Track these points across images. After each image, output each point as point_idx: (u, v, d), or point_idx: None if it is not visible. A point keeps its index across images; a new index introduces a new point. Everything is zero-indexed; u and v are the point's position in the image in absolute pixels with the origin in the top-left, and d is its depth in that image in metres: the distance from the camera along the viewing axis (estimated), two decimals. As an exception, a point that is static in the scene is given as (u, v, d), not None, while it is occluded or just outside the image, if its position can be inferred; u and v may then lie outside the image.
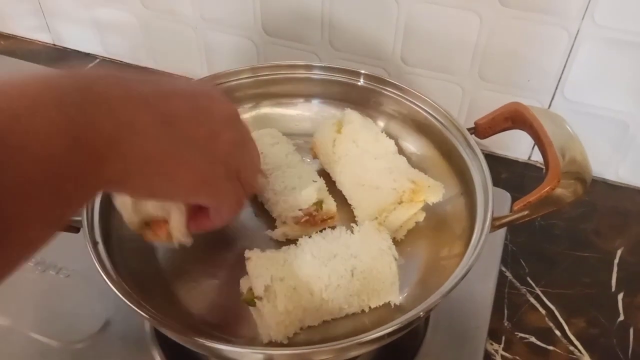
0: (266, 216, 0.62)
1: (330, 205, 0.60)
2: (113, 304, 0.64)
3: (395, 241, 0.57)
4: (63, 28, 1.10)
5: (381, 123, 0.71)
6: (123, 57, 1.09)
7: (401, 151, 0.65)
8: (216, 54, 0.99)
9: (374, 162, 0.61)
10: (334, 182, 0.65)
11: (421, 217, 0.60)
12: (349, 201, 0.63)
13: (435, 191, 0.59)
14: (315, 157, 0.68)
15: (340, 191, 0.64)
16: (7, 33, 1.17)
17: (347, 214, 0.62)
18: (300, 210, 0.58)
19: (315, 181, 0.61)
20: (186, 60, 1.02)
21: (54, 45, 1.14)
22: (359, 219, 0.60)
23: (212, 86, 0.46)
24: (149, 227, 0.55)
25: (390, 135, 0.65)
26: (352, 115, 0.66)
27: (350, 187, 0.63)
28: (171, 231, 0.53)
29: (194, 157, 0.40)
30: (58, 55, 1.12)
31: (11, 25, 1.16)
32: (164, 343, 0.60)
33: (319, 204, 0.59)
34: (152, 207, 0.52)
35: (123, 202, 0.52)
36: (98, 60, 1.10)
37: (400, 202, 0.58)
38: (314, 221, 0.59)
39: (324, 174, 0.66)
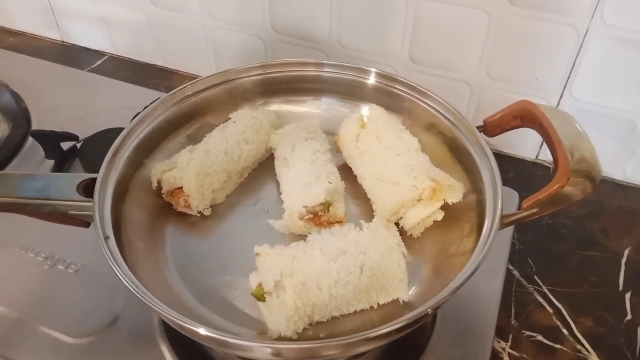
0: (277, 211, 0.62)
1: (339, 209, 0.60)
2: (122, 299, 0.64)
3: (404, 238, 0.57)
4: (71, 25, 1.11)
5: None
6: (131, 55, 1.09)
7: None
8: (224, 52, 0.99)
9: (396, 159, 0.61)
10: (355, 177, 0.65)
11: (440, 216, 0.60)
12: (369, 196, 0.63)
13: (455, 191, 0.59)
14: (339, 150, 0.68)
15: (361, 186, 0.64)
16: (16, 30, 1.17)
17: (367, 208, 0.63)
18: (304, 207, 0.58)
19: (331, 183, 0.60)
20: (194, 58, 1.03)
21: (62, 42, 1.15)
22: (378, 213, 0.61)
23: None
24: (172, 196, 0.63)
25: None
26: (377, 111, 0.66)
27: (370, 182, 0.63)
28: (189, 200, 0.61)
29: None
30: (66, 52, 1.12)
31: (20, 22, 1.16)
32: (173, 338, 0.60)
33: (326, 205, 0.59)
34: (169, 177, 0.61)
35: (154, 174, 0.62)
36: (106, 57, 1.10)
37: (420, 200, 0.58)
38: (318, 221, 0.59)
39: (346, 167, 0.67)
